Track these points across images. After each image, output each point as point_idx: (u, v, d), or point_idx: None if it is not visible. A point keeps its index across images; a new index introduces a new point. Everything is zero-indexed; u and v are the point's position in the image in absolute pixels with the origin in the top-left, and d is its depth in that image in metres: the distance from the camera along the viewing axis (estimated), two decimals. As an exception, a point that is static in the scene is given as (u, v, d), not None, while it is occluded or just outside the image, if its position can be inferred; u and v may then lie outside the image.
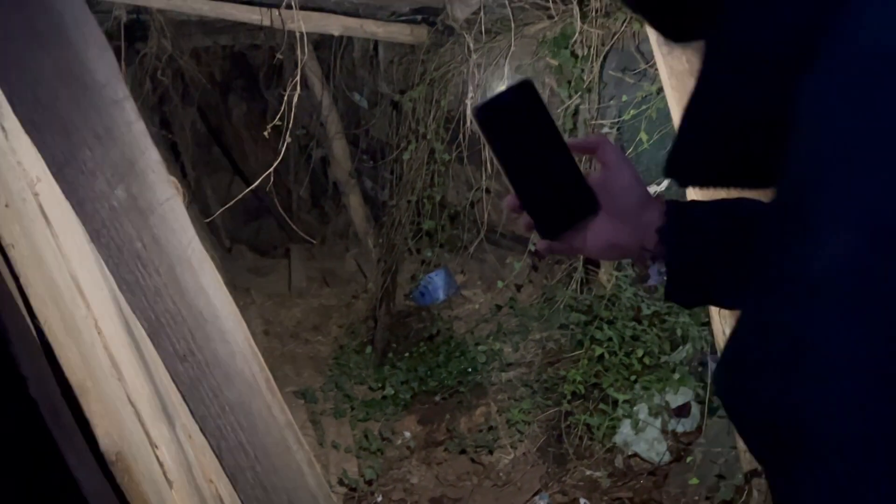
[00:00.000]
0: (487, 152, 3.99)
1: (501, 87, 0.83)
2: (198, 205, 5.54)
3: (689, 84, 0.98)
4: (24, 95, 1.17)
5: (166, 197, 1.30)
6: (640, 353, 3.42)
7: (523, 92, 0.83)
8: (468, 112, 3.99)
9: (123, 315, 1.23)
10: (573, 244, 0.89)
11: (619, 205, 0.86)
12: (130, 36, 4.15)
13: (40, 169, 1.54)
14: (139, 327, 1.28)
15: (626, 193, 0.86)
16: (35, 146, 1.23)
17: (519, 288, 4.54)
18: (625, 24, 2.96)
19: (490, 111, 0.83)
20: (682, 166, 0.72)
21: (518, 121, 0.83)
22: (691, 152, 0.70)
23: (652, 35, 1.49)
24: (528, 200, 0.86)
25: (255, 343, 1.55)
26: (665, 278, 0.86)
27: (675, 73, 1.51)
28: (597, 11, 3.03)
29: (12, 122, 1.52)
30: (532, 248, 4.07)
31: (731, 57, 0.61)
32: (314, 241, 5.02)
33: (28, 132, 1.23)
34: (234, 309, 1.54)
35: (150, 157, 1.28)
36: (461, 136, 4.17)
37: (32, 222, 1.50)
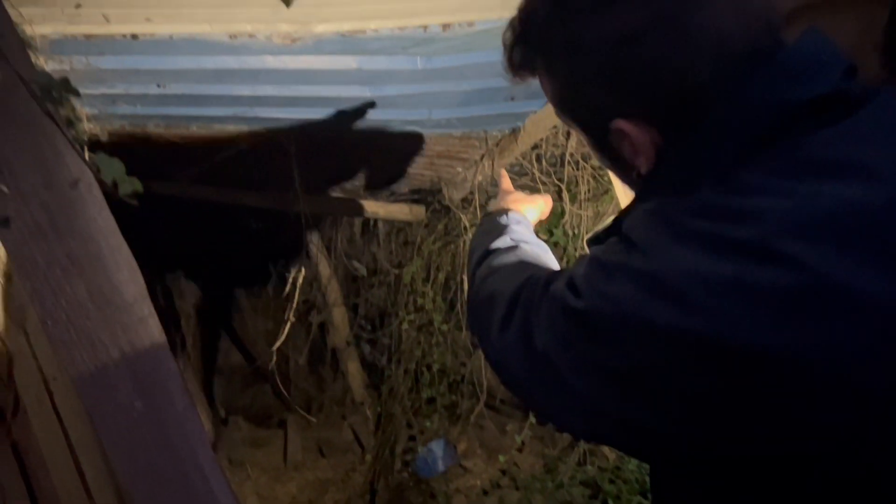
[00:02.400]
0: None
1: (609, 219, 0.98)
2: (195, 372, 5.55)
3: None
4: (57, 317, 1.26)
5: (183, 407, 1.36)
6: (647, 529, 3.33)
7: None
8: (465, 282, 4.12)
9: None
10: None
11: None
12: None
13: (56, 368, 1.60)
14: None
15: None
16: (63, 362, 1.30)
17: (520, 450, 4.47)
18: (612, 206, 3.15)
19: (600, 240, 0.97)
20: None
21: None
22: None
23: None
24: None
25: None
26: None
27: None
28: (585, 194, 3.23)
29: (33, 325, 1.59)
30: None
31: None
32: (313, 419, 4.98)
33: (57, 350, 1.30)
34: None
35: (170, 369, 1.35)
36: (459, 304, 4.28)
37: (47, 424, 1.54)
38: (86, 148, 1.22)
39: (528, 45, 0.87)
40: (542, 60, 0.86)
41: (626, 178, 0.91)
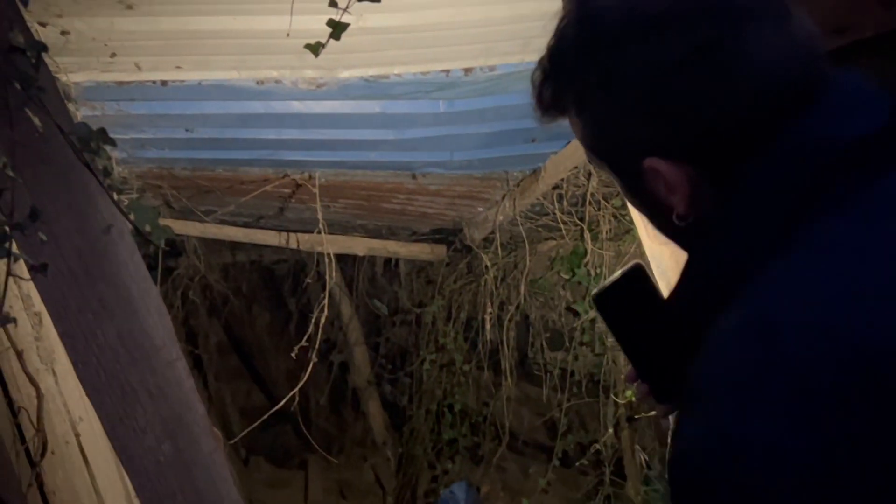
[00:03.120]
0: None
1: (616, 273, 0.92)
2: (216, 413, 5.55)
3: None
4: (88, 360, 1.28)
5: (209, 450, 1.36)
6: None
7: (635, 275, 0.91)
8: (486, 322, 4.11)
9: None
10: None
11: None
12: (164, 253, 4.41)
13: (83, 408, 1.62)
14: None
15: None
16: (93, 406, 1.31)
17: (545, 491, 4.40)
18: (634, 246, 3.15)
19: (606, 296, 0.92)
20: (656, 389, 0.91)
21: (631, 301, 0.91)
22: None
23: (662, 282, 1.60)
24: (643, 370, 0.94)
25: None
26: None
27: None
28: (606, 234, 3.23)
29: (62, 366, 1.61)
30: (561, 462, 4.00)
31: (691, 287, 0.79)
32: (334, 461, 4.94)
33: (88, 393, 1.32)
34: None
35: (197, 412, 1.36)
36: (480, 344, 4.27)
37: (74, 466, 1.55)
38: (116, 194, 1.25)
39: (558, 82, 0.83)
40: (573, 97, 0.82)
41: (663, 223, 0.85)
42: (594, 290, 0.95)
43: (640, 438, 3.74)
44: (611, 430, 3.64)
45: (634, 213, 1.63)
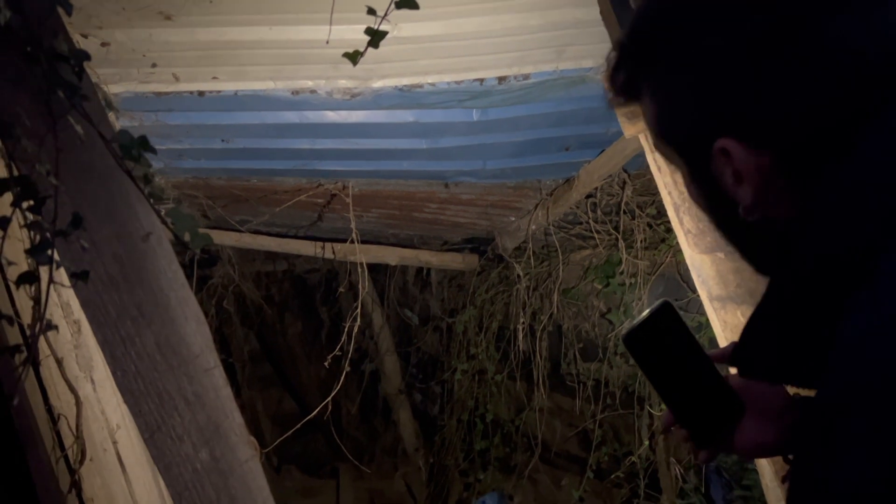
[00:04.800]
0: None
1: (645, 313, 0.90)
2: (248, 421, 5.59)
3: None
4: (127, 368, 1.28)
5: (246, 458, 1.36)
6: (712, 592, 3.18)
7: (664, 313, 0.89)
8: (519, 332, 4.09)
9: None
10: (725, 446, 0.93)
11: (762, 406, 0.91)
12: (199, 262, 4.46)
13: (120, 415, 1.63)
14: None
15: (769, 395, 0.92)
16: (131, 413, 1.32)
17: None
18: (669, 256, 3.10)
19: (636, 337, 0.89)
20: (741, 360, 0.81)
21: (663, 341, 0.89)
22: (751, 351, 0.79)
23: (703, 292, 1.57)
24: (681, 414, 0.91)
25: None
26: (727, 502, 0.91)
27: (729, 326, 1.57)
28: (641, 243, 3.19)
29: (100, 373, 1.63)
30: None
31: (787, 294, 0.73)
32: (366, 469, 4.94)
33: (126, 401, 1.33)
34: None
35: (234, 420, 1.36)
36: (512, 354, 4.24)
37: (111, 473, 1.56)
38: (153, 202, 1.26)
39: (636, 60, 0.80)
40: (651, 76, 0.79)
41: (724, 217, 0.80)
42: (623, 331, 0.92)
43: (676, 450, 3.67)
44: (646, 443, 3.58)
45: (675, 221, 1.60)
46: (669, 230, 3.10)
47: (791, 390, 0.94)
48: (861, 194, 0.65)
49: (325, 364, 3.10)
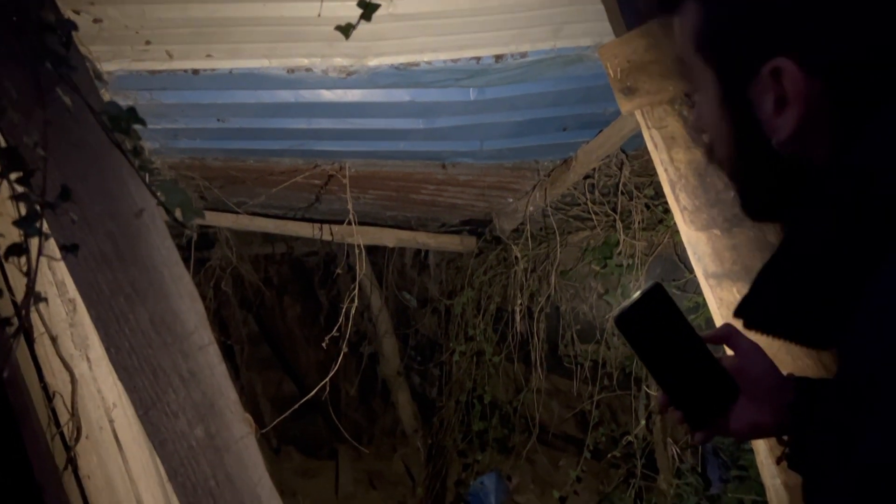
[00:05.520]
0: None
1: (636, 294, 0.89)
2: (247, 403, 5.61)
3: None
4: (120, 344, 1.28)
5: (241, 435, 1.36)
6: (708, 570, 3.21)
7: (655, 295, 0.88)
8: (517, 314, 4.09)
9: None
10: (719, 428, 0.93)
11: (756, 388, 0.91)
12: (197, 244, 4.46)
13: (116, 394, 1.63)
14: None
15: (762, 376, 0.91)
16: (125, 389, 1.32)
17: (575, 488, 4.37)
18: (667, 237, 3.10)
19: (628, 318, 0.89)
20: (748, 313, 0.79)
21: (655, 323, 0.89)
22: (761, 302, 0.77)
23: (698, 269, 1.57)
24: (675, 396, 0.91)
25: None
26: (724, 483, 0.90)
27: (724, 303, 1.56)
28: (638, 224, 3.18)
29: (96, 352, 1.62)
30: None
31: (811, 243, 0.68)
32: (365, 450, 4.97)
33: (120, 377, 1.33)
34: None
35: (229, 398, 1.36)
36: (510, 336, 4.24)
37: (108, 451, 1.56)
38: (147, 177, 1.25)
39: None
40: None
41: (747, 149, 0.74)
42: (615, 313, 0.91)
43: (673, 431, 3.69)
44: (643, 423, 3.59)
45: (671, 198, 1.59)
46: (667, 211, 3.10)
47: (784, 370, 0.93)
48: None
49: (324, 345, 3.10)
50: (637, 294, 0.89)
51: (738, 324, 0.83)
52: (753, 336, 0.84)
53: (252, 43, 2.09)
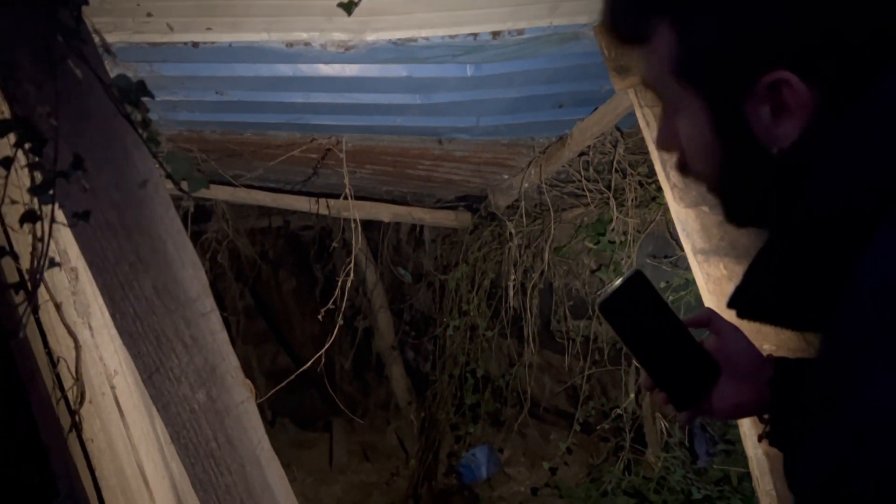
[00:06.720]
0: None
1: (618, 281, 0.92)
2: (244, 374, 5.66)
3: (728, 288, 1.06)
4: (125, 311, 1.32)
5: (241, 399, 1.41)
6: (693, 540, 3.29)
7: (636, 282, 0.91)
8: (510, 289, 4.14)
9: (192, 512, 1.29)
10: (704, 408, 0.96)
11: (738, 368, 0.94)
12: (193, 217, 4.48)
13: (117, 362, 1.67)
14: (209, 526, 1.34)
15: (743, 357, 0.95)
16: (130, 355, 1.36)
17: (565, 461, 4.46)
18: (659, 214, 3.14)
19: (611, 304, 0.91)
20: (740, 302, 0.79)
21: (636, 308, 0.92)
22: (753, 293, 0.78)
23: (687, 245, 1.61)
24: (659, 379, 0.95)
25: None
26: (711, 457, 0.94)
27: (712, 279, 1.61)
28: (632, 202, 3.22)
29: (97, 320, 1.66)
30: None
31: (800, 238, 0.69)
32: (359, 421, 5.04)
33: (125, 343, 1.37)
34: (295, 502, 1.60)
35: (230, 363, 1.40)
36: (503, 311, 4.30)
37: (110, 416, 1.61)
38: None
39: None
40: (673, 5, 0.71)
41: (744, 162, 0.73)
42: (599, 299, 0.93)
43: (661, 406, 3.76)
44: (632, 397, 3.66)
45: (662, 176, 1.63)
46: (660, 189, 3.13)
47: (764, 351, 0.97)
48: (879, 134, 0.61)
49: (319, 318, 3.14)
50: (619, 281, 0.91)
51: (730, 315, 0.83)
52: (745, 325, 0.85)
53: (252, 17, 2.10)
